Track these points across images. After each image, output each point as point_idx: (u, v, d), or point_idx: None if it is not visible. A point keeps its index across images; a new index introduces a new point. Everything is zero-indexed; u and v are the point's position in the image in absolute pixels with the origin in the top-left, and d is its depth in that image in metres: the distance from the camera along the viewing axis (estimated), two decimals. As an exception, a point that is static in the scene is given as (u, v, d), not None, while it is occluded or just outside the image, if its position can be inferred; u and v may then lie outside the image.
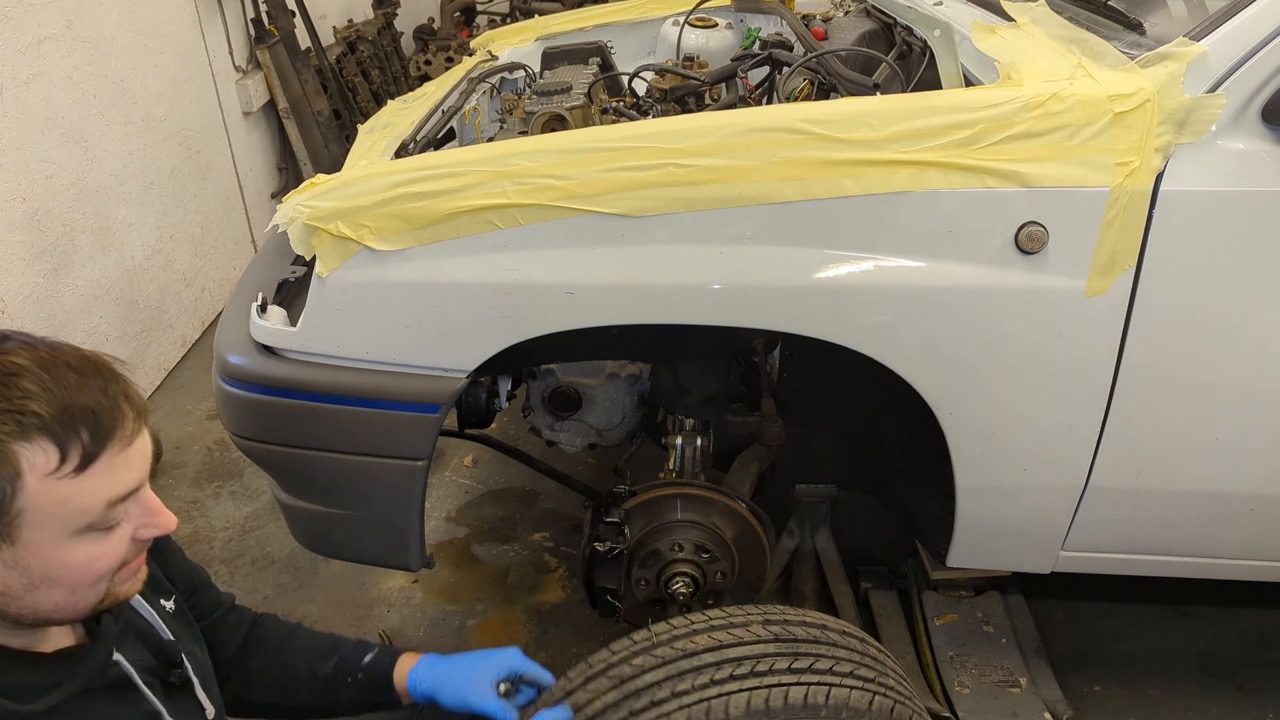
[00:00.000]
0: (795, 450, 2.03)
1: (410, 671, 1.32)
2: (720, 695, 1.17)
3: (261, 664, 1.35)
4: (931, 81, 1.71)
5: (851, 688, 1.19)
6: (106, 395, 0.92)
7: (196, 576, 1.33)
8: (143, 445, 0.96)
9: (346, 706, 1.36)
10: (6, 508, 0.87)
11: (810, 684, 1.18)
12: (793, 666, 1.20)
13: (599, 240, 1.48)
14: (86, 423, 0.90)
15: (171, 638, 1.14)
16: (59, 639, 1.02)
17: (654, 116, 1.95)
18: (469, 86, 2.27)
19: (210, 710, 1.16)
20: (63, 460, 0.89)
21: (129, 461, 0.94)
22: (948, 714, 1.94)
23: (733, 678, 1.19)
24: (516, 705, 1.30)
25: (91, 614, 0.99)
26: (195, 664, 1.16)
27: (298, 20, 4.41)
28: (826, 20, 2.54)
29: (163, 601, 1.18)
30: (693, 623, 1.30)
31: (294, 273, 1.79)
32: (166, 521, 1.00)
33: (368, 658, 1.35)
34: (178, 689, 1.12)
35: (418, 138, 1.90)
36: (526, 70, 2.46)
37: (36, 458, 0.88)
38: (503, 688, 1.30)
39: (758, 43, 2.43)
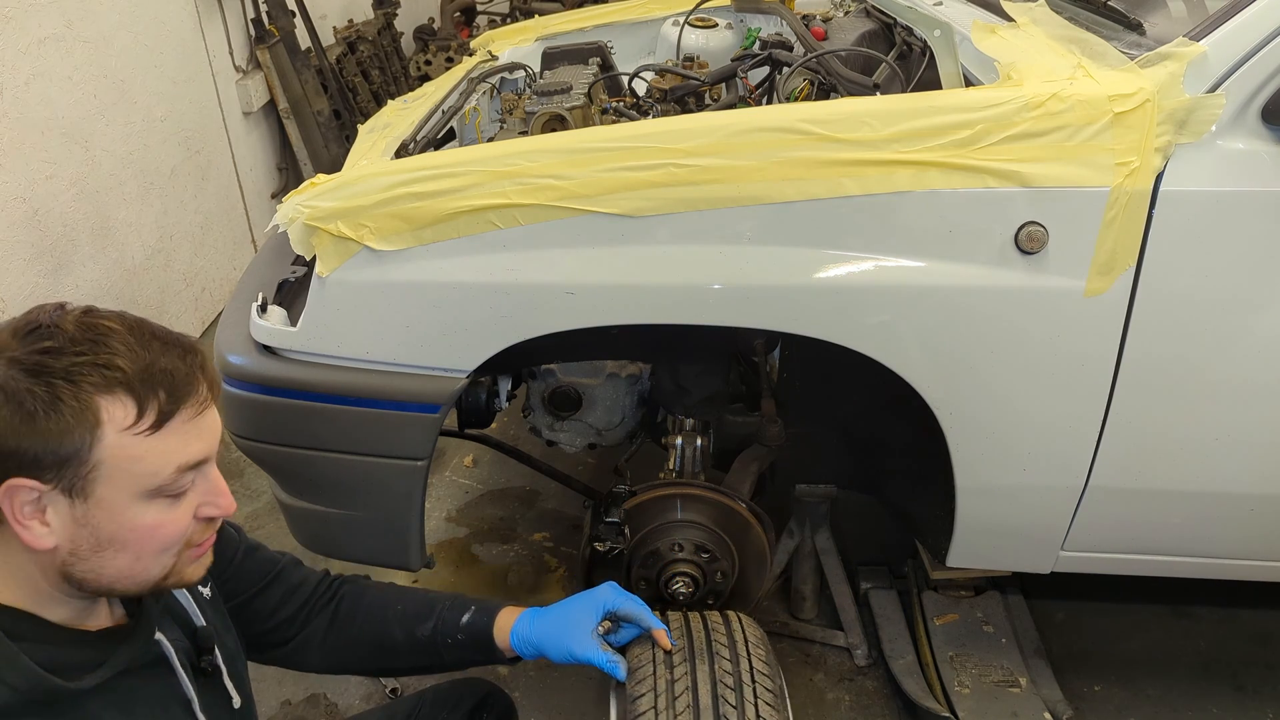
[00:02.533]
0: (795, 450, 2.03)
1: (513, 633, 1.35)
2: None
3: (354, 633, 1.38)
4: (931, 81, 1.71)
5: None
6: (185, 363, 0.97)
7: (270, 571, 1.37)
8: (213, 419, 1.01)
9: (450, 664, 1.41)
10: (85, 459, 0.91)
11: None
12: None
13: (599, 240, 1.48)
14: (164, 384, 0.94)
15: (205, 623, 1.16)
16: (103, 618, 1.04)
17: (654, 116, 1.95)
18: (469, 86, 2.27)
19: (236, 700, 1.18)
20: (140, 416, 0.93)
21: (200, 429, 0.98)
22: (948, 714, 1.94)
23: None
24: (618, 643, 1.36)
25: (154, 589, 1.02)
26: (225, 653, 1.18)
27: (298, 20, 4.41)
28: (826, 20, 2.54)
29: (200, 587, 1.20)
30: None
31: (294, 273, 1.79)
32: (227, 503, 1.03)
33: (465, 617, 1.37)
34: (208, 675, 1.14)
35: (418, 138, 1.90)
36: (526, 70, 2.46)
37: (116, 410, 0.92)
38: (604, 627, 1.34)
39: (758, 43, 2.43)
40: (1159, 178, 1.40)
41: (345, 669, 1.44)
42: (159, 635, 1.07)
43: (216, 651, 1.15)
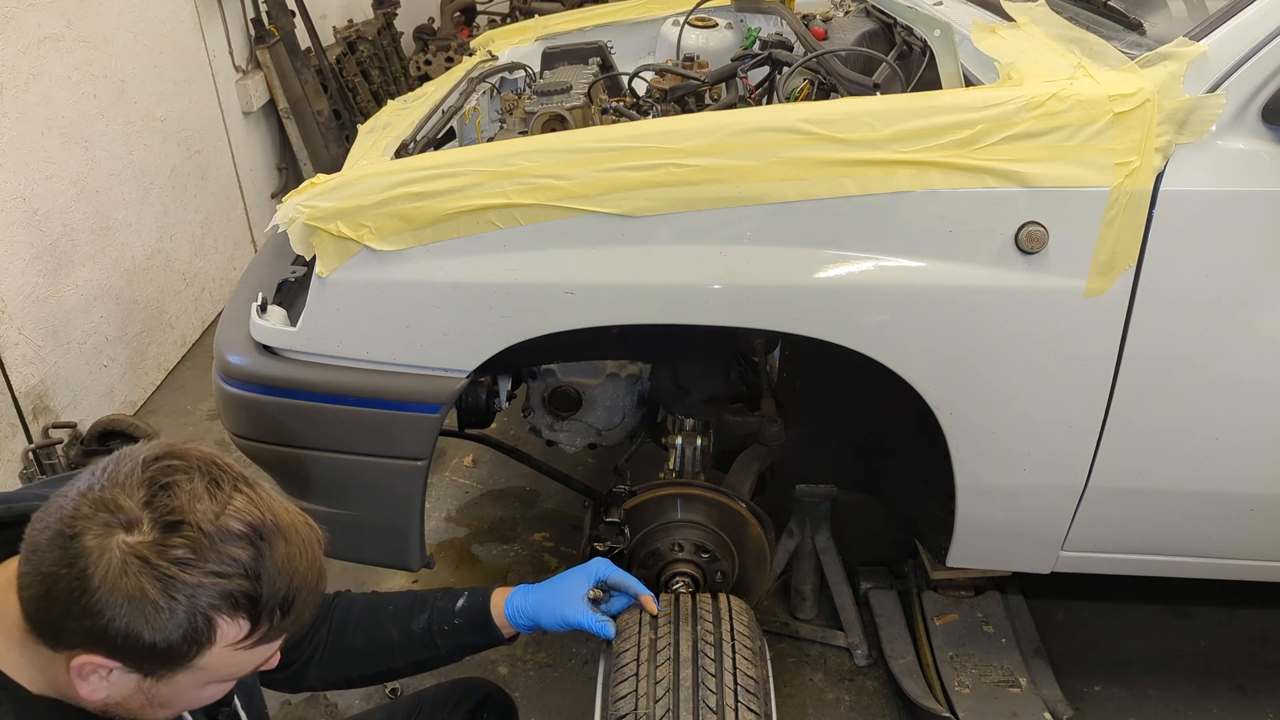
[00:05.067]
0: (795, 450, 2.03)
1: (507, 604, 1.38)
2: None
3: (353, 642, 1.38)
4: (931, 81, 1.71)
5: None
6: (308, 581, 0.94)
7: None
8: None
9: (447, 655, 1.40)
10: (182, 663, 0.90)
11: None
12: None
13: (599, 240, 1.48)
14: (282, 607, 0.92)
15: None
16: None
17: (654, 116, 1.94)
18: (469, 86, 2.27)
19: None
20: (249, 635, 0.91)
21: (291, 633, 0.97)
22: (948, 714, 1.94)
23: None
24: (609, 612, 1.41)
25: None
26: (241, 691, 1.18)
27: (298, 20, 4.41)
28: (826, 20, 2.54)
29: None
30: None
31: (294, 273, 1.79)
32: (273, 664, 1.02)
33: (460, 603, 1.39)
34: None
35: (418, 138, 1.90)
36: (526, 70, 2.46)
37: (230, 631, 0.90)
38: (593, 594, 1.39)
39: (758, 43, 2.43)
40: (1159, 178, 1.40)
41: (344, 682, 1.43)
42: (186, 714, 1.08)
43: (235, 701, 1.15)
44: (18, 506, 0.99)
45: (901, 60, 2.04)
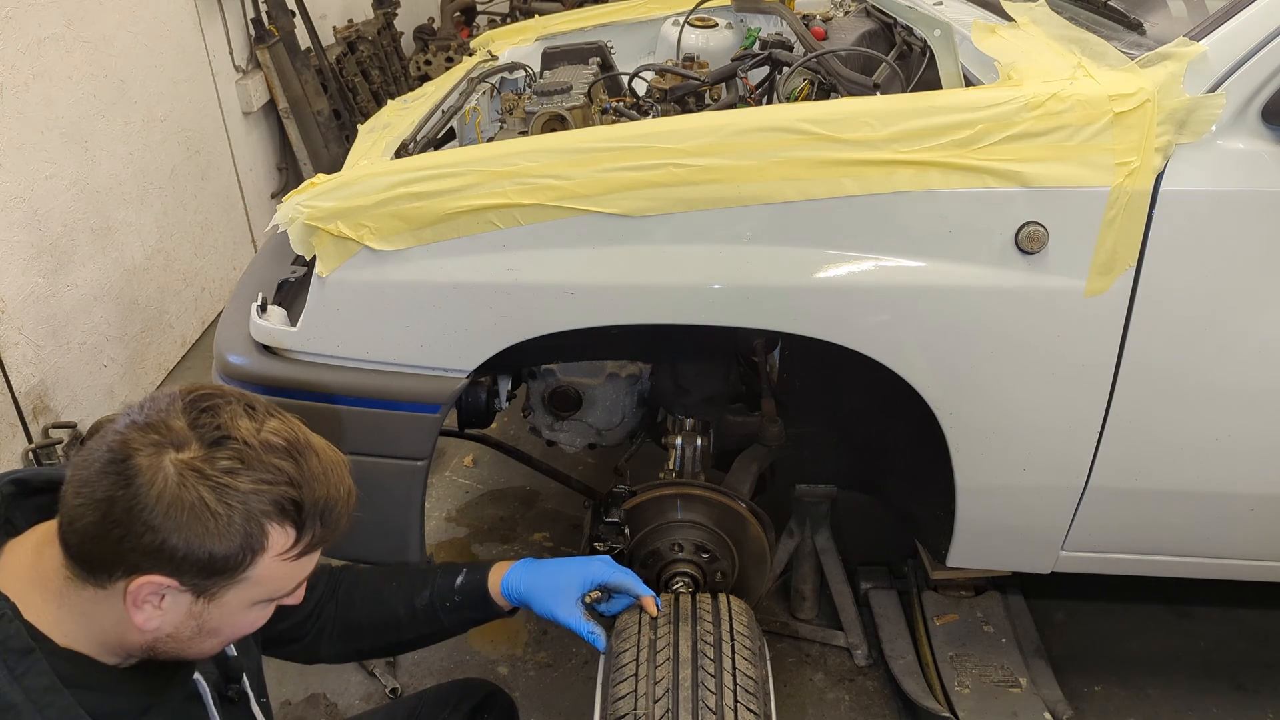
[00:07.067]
0: (795, 450, 2.03)
1: (504, 581, 1.40)
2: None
3: (361, 617, 1.40)
4: (931, 81, 1.71)
5: None
6: (341, 493, 0.99)
7: None
8: None
9: (451, 628, 1.43)
10: (236, 574, 0.93)
11: None
12: None
13: (599, 240, 1.48)
14: (323, 517, 0.96)
15: (235, 654, 1.17)
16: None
17: (654, 116, 1.94)
18: (469, 86, 2.27)
19: None
20: (294, 544, 0.95)
21: (323, 549, 1.02)
22: (948, 714, 1.94)
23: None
24: (609, 612, 1.42)
25: None
26: (250, 673, 1.20)
27: (298, 20, 4.41)
28: (826, 20, 2.54)
29: None
30: None
31: (294, 273, 1.79)
32: (302, 594, 1.06)
33: (459, 579, 1.42)
34: (234, 703, 1.16)
35: (418, 138, 1.90)
36: (526, 70, 2.46)
37: (279, 538, 0.94)
38: (592, 596, 1.40)
39: (758, 43, 2.43)
40: (1159, 178, 1.40)
41: (356, 655, 1.46)
42: (197, 674, 1.09)
43: (245, 679, 1.17)
44: (46, 472, 1.03)
45: (901, 60, 2.04)
